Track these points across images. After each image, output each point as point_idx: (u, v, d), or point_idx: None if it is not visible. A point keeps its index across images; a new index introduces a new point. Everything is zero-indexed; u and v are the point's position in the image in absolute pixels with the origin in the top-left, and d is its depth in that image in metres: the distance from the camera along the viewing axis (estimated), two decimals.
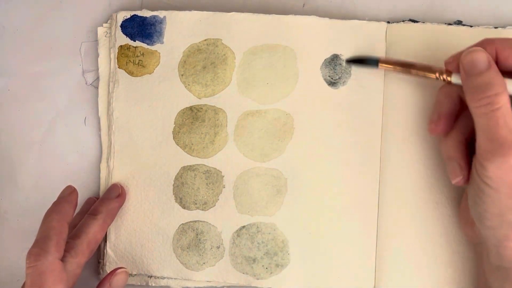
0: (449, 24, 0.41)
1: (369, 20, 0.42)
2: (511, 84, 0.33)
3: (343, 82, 0.42)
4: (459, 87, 0.36)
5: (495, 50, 0.34)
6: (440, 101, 0.37)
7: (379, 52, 0.41)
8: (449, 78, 0.36)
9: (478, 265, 0.37)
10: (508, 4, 0.43)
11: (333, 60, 0.42)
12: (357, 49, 0.42)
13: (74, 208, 0.38)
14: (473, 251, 0.39)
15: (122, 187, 0.42)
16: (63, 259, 0.35)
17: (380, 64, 0.39)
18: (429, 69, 0.37)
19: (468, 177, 0.35)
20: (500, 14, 0.42)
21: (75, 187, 0.39)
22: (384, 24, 0.42)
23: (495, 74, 0.33)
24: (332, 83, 0.42)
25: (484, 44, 0.35)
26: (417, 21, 0.42)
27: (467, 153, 0.36)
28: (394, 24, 0.41)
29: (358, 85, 0.41)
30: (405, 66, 0.38)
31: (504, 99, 0.32)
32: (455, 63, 0.36)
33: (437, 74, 0.36)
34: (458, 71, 0.35)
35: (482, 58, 0.33)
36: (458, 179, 0.36)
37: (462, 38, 0.40)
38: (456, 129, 0.37)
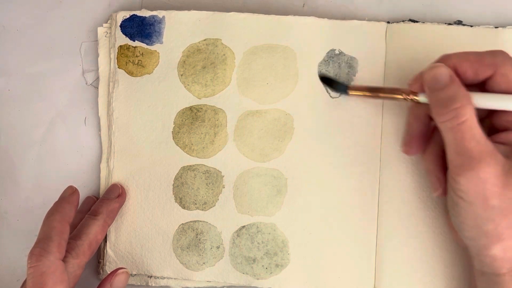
0: (449, 24, 0.41)
1: (369, 20, 0.42)
2: (476, 97, 0.33)
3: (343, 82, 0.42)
4: (427, 106, 0.35)
5: (453, 65, 0.34)
6: (410, 123, 0.38)
7: (379, 52, 0.41)
8: (416, 98, 0.36)
9: (468, 269, 0.38)
10: (509, 4, 0.43)
11: (332, 58, 0.42)
12: (357, 49, 0.42)
13: (75, 208, 0.38)
14: None
15: (122, 187, 0.42)
16: (64, 260, 0.35)
17: (350, 91, 0.40)
18: (396, 91, 0.37)
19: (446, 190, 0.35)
20: (501, 14, 0.42)
21: (76, 188, 0.39)
22: (384, 24, 0.42)
23: (457, 87, 0.33)
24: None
25: (442, 60, 0.35)
26: (417, 21, 0.42)
27: (445, 166, 0.35)
28: (394, 24, 0.41)
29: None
30: (373, 91, 0.39)
31: (469, 111, 0.32)
32: (418, 83, 0.35)
33: (404, 95, 0.36)
34: (422, 91, 0.35)
35: (443, 72, 0.33)
36: (438, 192, 0.36)
37: (462, 38, 0.40)
38: (433, 143, 0.37)
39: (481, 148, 0.32)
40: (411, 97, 0.36)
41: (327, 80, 0.41)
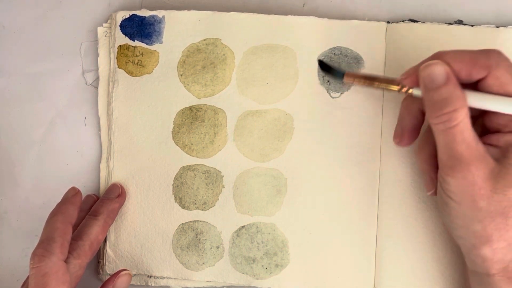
0: (450, 23, 0.41)
1: (369, 20, 0.42)
2: (471, 96, 0.33)
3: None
4: (420, 100, 0.35)
5: (447, 64, 0.33)
6: (402, 115, 0.37)
7: (379, 52, 0.41)
8: (410, 91, 0.35)
9: (463, 268, 0.38)
10: (509, 3, 0.42)
11: (332, 58, 0.42)
12: (357, 49, 0.41)
13: (78, 210, 0.38)
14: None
15: (122, 187, 0.42)
16: (65, 261, 0.35)
17: (345, 77, 0.39)
18: (391, 81, 0.37)
19: None
20: (502, 14, 0.42)
21: (79, 189, 0.39)
22: (384, 24, 0.42)
23: (453, 88, 0.32)
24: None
25: (436, 57, 0.34)
26: (417, 21, 0.42)
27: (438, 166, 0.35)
28: (394, 24, 0.41)
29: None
30: (369, 79, 0.38)
31: (463, 114, 0.32)
32: (410, 79, 0.35)
33: (399, 87, 0.36)
34: (413, 85, 0.35)
35: (440, 71, 0.33)
36: (431, 192, 0.36)
37: (463, 38, 0.40)
38: (427, 142, 0.36)
39: (471, 152, 0.32)
40: (406, 89, 0.36)
41: (325, 67, 0.41)
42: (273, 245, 0.41)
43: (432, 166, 0.36)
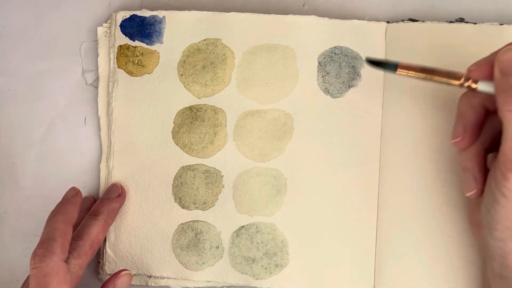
0: (451, 22, 0.41)
1: (369, 20, 0.42)
2: None
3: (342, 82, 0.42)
4: (482, 95, 0.33)
5: None
6: (464, 112, 0.34)
7: (379, 51, 0.41)
8: (474, 85, 0.33)
9: (483, 268, 0.37)
10: (510, 1, 0.42)
11: (332, 58, 0.42)
12: (357, 49, 0.41)
13: (78, 210, 0.38)
14: (473, 252, 0.39)
15: (122, 187, 0.42)
16: (66, 261, 0.35)
17: (399, 70, 0.35)
18: (453, 75, 0.34)
19: (482, 191, 0.33)
20: (503, 12, 0.42)
21: (79, 189, 0.39)
22: (384, 24, 0.41)
23: None
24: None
25: None
26: (416, 20, 0.41)
27: (485, 165, 0.34)
28: (394, 23, 0.41)
29: (358, 85, 0.41)
30: (427, 72, 0.34)
31: None
32: (480, 70, 0.33)
33: (462, 81, 0.33)
34: (483, 78, 0.33)
35: None
36: (472, 193, 0.34)
37: (465, 36, 0.40)
38: (478, 138, 0.34)
39: None
40: (469, 83, 0.33)
41: (374, 62, 0.37)
42: (272, 245, 0.41)
43: (478, 164, 0.34)
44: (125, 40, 0.43)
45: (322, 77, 0.42)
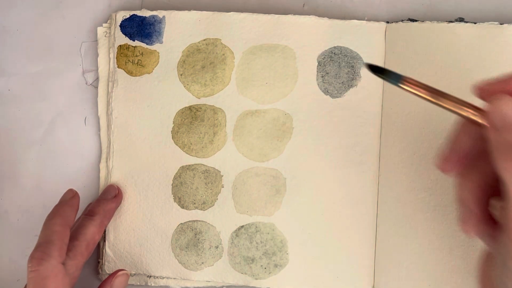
0: (451, 21, 0.41)
1: (369, 20, 0.42)
2: None
3: (342, 82, 0.42)
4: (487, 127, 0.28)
5: None
6: (459, 138, 0.30)
7: (378, 52, 0.41)
8: (484, 122, 0.28)
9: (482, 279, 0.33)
10: (509, 1, 0.42)
11: (332, 58, 0.42)
12: (356, 49, 0.41)
13: (75, 212, 0.38)
14: (473, 252, 0.39)
15: (118, 188, 0.42)
16: (62, 262, 0.35)
17: (405, 83, 0.31)
18: (464, 105, 0.29)
19: (481, 230, 0.30)
20: (503, 12, 0.42)
21: (76, 189, 0.39)
22: (383, 24, 0.41)
23: None
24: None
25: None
26: (416, 20, 0.41)
27: (485, 200, 0.30)
28: (393, 23, 0.41)
29: (357, 85, 0.41)
30: (434, 93, 0.30)
31: None
32: (489, 91, 0.28)
33: (470, 113, 0.29)
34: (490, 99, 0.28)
35: None
36: (465, 227, 0.30)
37: (464, 36, 0.40)
38: (477, 169, 0.30)
39: None
40: (478, 119, 0.29)
41: (376, 68, 0.33)
42: (272, 245, 0.41)
43: (475, 198, 0.30)
44: (125, 40, 0.43)
45: (322, 77, 0.42)
